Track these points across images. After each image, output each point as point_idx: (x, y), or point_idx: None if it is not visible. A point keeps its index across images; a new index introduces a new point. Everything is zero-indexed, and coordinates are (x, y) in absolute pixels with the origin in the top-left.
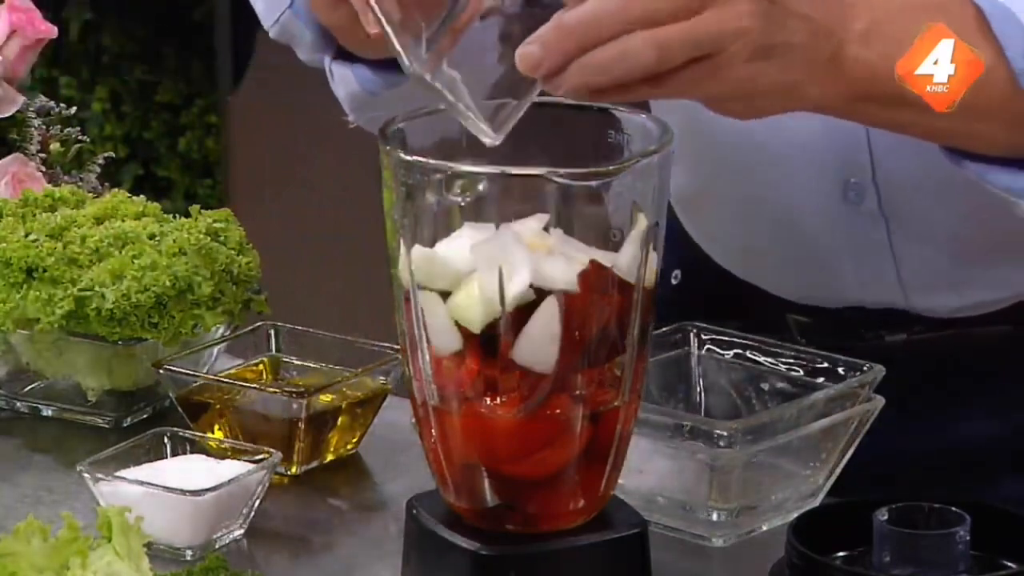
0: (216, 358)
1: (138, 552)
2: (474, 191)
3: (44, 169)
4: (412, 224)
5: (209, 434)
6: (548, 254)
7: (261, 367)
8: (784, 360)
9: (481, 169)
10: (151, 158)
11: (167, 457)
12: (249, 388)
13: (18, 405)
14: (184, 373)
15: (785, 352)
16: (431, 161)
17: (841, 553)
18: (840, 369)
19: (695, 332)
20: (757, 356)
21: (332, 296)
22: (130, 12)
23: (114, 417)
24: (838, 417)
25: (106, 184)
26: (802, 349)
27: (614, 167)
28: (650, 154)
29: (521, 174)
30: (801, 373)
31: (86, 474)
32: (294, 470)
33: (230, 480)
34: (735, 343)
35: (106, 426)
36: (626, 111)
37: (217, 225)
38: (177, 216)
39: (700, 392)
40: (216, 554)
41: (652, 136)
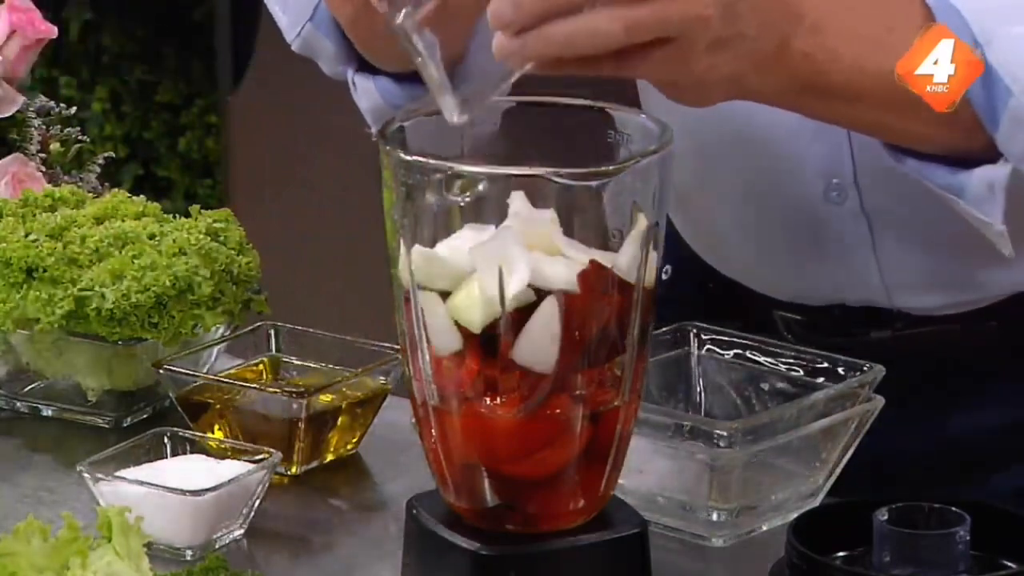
0: (216, 358)
1: (138, 552)
2: (474, 191)
3: (44, 169)
4: (412, 224)
5: (209, 434)
6: (553, 252)
7: (261, 367)
8: (784, 360)
9: (481, 169)
10: (151, 158)
11: (167, 457)
12: (249, 388)
13: (18, 405)
14: (184, 373)
15: (785, 352)
16: (431, 161)
17: (841, 553)
18: (840, 369)
19: (695, 332)
20: (757, 356)
21: (332, 296)
22: (130, 12)
23: (114, 417)
24: (838, 417)
25: (106, 184)
26: (802, 349)
27: (614, 167)
28: (650, 154)
29: (521, 174)
30: (801, 373)
31: (86, 474)
32: (294, 470)
33: (230, 480)
34: (735, 343)
35: (106, 426)
36: (626, 111)
37: (217, 225)
38: (177, 216)
39: (700, 392)
40: (216, 554)
41: (652, 136)
